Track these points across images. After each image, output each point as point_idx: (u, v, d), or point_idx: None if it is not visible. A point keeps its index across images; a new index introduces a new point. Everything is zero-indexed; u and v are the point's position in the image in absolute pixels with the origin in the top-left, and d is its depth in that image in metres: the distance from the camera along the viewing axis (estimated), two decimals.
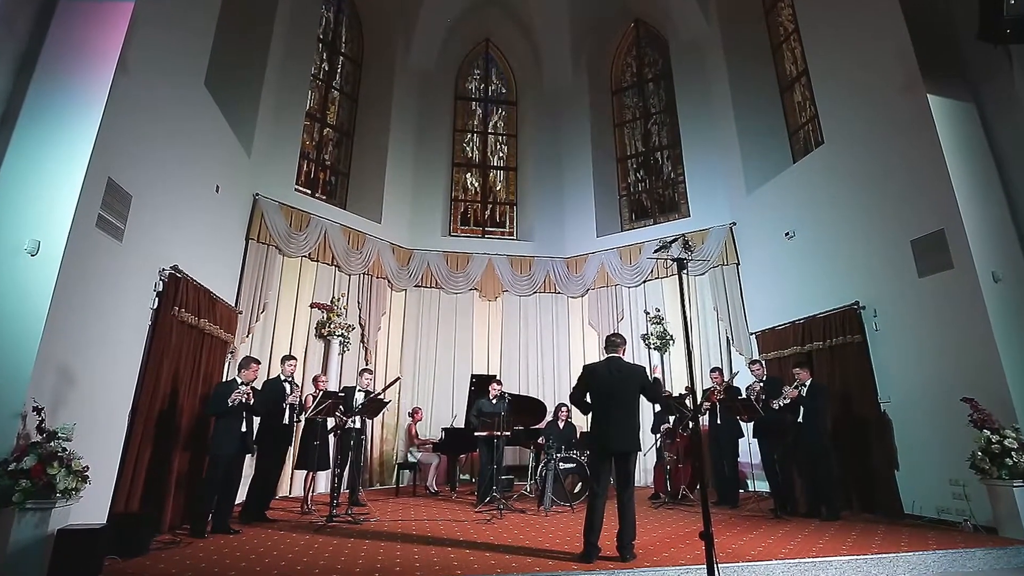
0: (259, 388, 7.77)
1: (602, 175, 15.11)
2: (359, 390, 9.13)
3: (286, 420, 8.10)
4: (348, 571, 5.08)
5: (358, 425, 8.88)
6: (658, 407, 9.86)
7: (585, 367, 6.33)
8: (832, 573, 5.36)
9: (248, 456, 7.46)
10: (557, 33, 15.74)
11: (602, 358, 6.32)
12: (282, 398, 8.03)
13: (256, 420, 7.60)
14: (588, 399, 6.08)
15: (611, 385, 5.95)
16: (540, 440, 10.07)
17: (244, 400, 6.99)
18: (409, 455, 11.34)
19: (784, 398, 8.22)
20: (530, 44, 16.24)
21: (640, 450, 6.02)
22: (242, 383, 7.15)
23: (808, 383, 8.30)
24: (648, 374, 6.36)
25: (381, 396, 8.49)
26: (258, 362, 7.65)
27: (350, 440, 8.61)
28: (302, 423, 8.72)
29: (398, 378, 10.52)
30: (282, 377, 8.24)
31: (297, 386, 8.40)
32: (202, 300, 7.85)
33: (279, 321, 10.83)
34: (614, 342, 6.28)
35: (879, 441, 8.32)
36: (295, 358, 8.64)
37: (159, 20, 6.89)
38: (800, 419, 8.19)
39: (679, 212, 14.10)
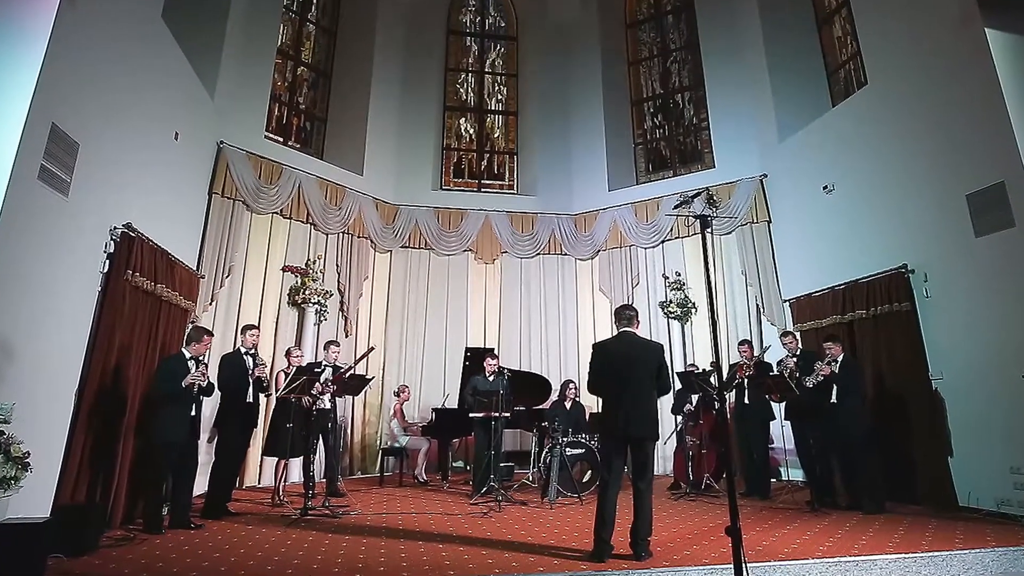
0: (218, 364, 7.74)
1: (615, 120, 14.90)
2: (326, 365, 9.02)
3: (250, 399, 7.95)
4: (326, 571, 5.05)
5: (328, 406, 8.80)
6: (679, 385, 9.79)
7: (596, 345, 6.31)
8: (876, 574, 5.28)
9: (207, 442, 7.38)
10: None
11: (613, 333, 6.27)
12: (245, 373, 7.87)
13: (204, 402, 7.46)
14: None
15: (626, 363, 5.90)
16: (544, 422, 10.01)
17: (200, 383, 6.94)
18: (394, 439, 11.28)
19: (817, 375, 8.16)
20: None
21: (658, 438, 5.98)
22: (191, 357, 7.06)
23: (840, 358, 8.24)
24: (665, 353, 6.28)
25: (356, 370, 8.43)
26: (211, 334, 7.60)
27: (327, 423, 8.53)
28: (271, 402, 8.64)
29: (372, 348, 10.42)
30: (243, 350, 8.08)
31: (262, 360, 8.26)
32: (159, 263, 7.72)
33: (247, 286, 10.73)
34: (628, 315, 6.24)
35: (930, 424, 8.23)
36: (257, 328, 8.50)
37: None
38: (834, 399, 8.14)
39: (702, 163, 13.98)
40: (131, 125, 7.47)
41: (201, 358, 7.16)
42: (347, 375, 8.48)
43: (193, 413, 7.03)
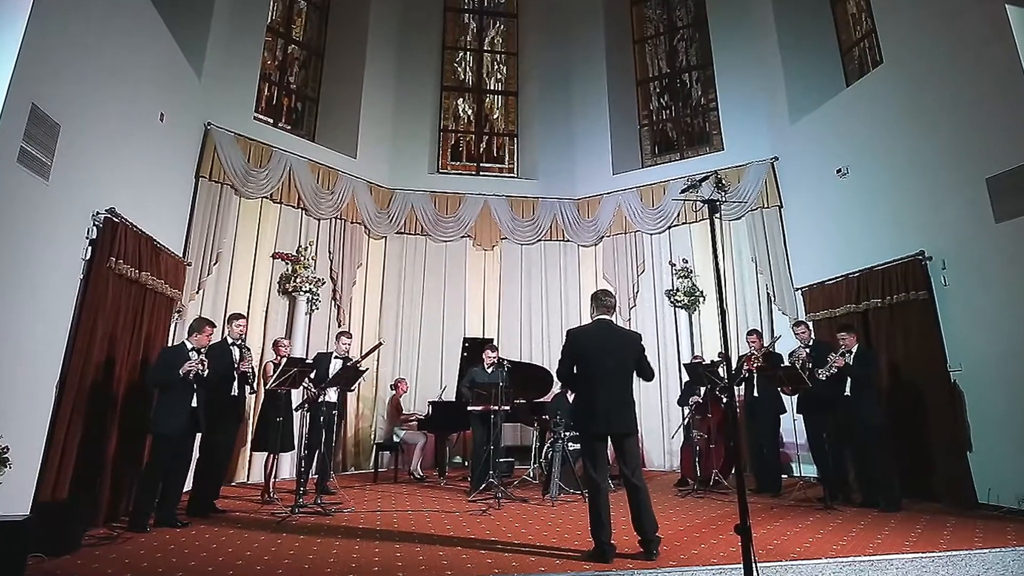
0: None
1: (619, 101, 14.81)
2: (336, 357, 8.98)
3: (235, 392, 7.89)
4: (318, 572, 5.01)
5: (333, 399, 8.75)
6: (686, 377, 9.76)
7: (571, 332, 6.15)
8: (893, 574, 5.23)
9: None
10: None
11: (590, 320, 6.18)
12: (230, 365, 7.80)
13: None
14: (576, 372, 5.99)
15: (605, 354, 5.83)
16: (545, 416, 9.98)
17: (199, 371, 6.89)
18: (391, 434, 11.26)
19: (830, 367, 8.10)
20: None
21: (638, 432, 5.95)
22: (192, 349, 7.02)
23: (855, 349, 8.19)
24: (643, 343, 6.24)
25: (359, 364, 8.39)
26: (212, 325, 7.50)
27: (321, 417, 8.49)
28: (259, 395, 8.59)
29: (380, 343, 10.40)
30: (229, 340, 7.99)
31: (248, 350, 8.18)
32: (144, 249, 7.66)
33: (235, 274, 10.71)
34: (609, 303, 6.16)
35: (948, 417, 8.17)
36: (244, 317, 8.46)
37: None
38: (848, 392, 8.09)
39: (711, 145, 13.94)
40: (114, 106, 7.40)
41: (202, 349, 7.12)
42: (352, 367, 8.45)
43: (194, 404, 7.00)
